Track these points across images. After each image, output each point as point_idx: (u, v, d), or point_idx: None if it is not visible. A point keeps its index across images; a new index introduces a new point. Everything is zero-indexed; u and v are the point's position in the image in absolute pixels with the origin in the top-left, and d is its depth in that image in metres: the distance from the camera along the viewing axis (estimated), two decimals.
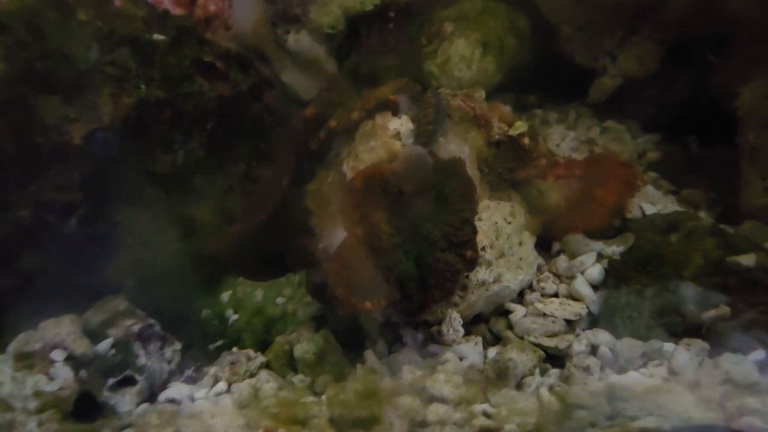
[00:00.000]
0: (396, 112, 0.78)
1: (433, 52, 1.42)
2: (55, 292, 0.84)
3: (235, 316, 1.03)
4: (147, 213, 0.97)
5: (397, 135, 0.76)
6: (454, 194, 0.70)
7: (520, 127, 0.87)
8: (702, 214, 0.98)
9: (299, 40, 1.36)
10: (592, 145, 1.38)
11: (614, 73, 1.41)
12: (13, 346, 0.80)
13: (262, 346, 0.96)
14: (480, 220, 0.82)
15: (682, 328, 0.81)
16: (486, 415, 0.69)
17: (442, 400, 0.70)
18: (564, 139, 1.45)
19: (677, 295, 0.82)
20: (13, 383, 0.72)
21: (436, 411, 0.69)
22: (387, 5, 1.38)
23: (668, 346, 0.79)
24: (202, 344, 1.00)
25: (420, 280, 0.70)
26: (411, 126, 0.77)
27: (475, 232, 0.71)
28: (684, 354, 0.77)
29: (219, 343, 1.00)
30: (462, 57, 1.42)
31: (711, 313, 0.80)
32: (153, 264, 0.96)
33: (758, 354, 0.74)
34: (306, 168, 0.83)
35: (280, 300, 1.02)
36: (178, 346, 0.95)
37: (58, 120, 0.82)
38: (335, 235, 0.72)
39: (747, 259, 0.80)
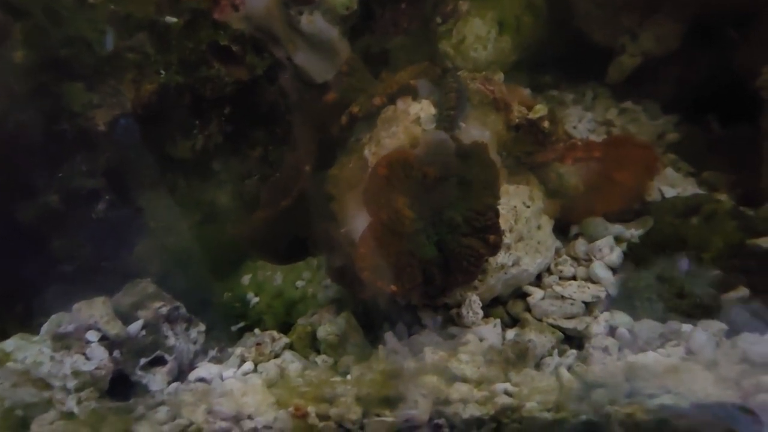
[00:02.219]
0: (416, 97, 0.78)
1: (448, 32, 1.39)
2: (83, 275, 0.87)
3: (256, 299, 1.06)
4: (168, 198, 0.99)
5: (418, 120, 0.76)
6: (477, 179, 0.70)
7: (540, 110, 0.87)
8: (722, 197, 0.97)
9: (313, 21, 1.34)
10: (610, 126, 1.36)
11: (634, 52, 1.37)
12: (47, 327, 0.83)
13: (283, 328, 0.98)
14: (499, 204, 0.82)
15: (701, 310, 0.82)
16: (507, 393, 0.71)
17: (465, 380, 0.72)
18: (581, 120, 1.43)
19: (697, 276, 0.82)
20: (52, 363, 0.75)
21: (458, 390, 0.71)
22: None
23: (686, 327, 0.80)
24: (224, 326, 1.03)
25: (443, 264, 0.72)
26: (432, 111, 0.77)
27: (498, 216, 0.72)
28: (702, 334, 0.77)
29: (241, 324, 1.03)
30: (478, 37, 1.39)
31: (730, 295, 0.80)
32: (175, 248, 0.98)
33: None
34: (327, 153, 0.84)
35: (299, 283, 1.04)
36: (202, 327, 0.98)
37: (82, 107, 0.83)
38: (357, 219, 0.73)
39: (767, 242, 0.80)
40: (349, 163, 0.78)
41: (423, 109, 0.77)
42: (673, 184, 0.99)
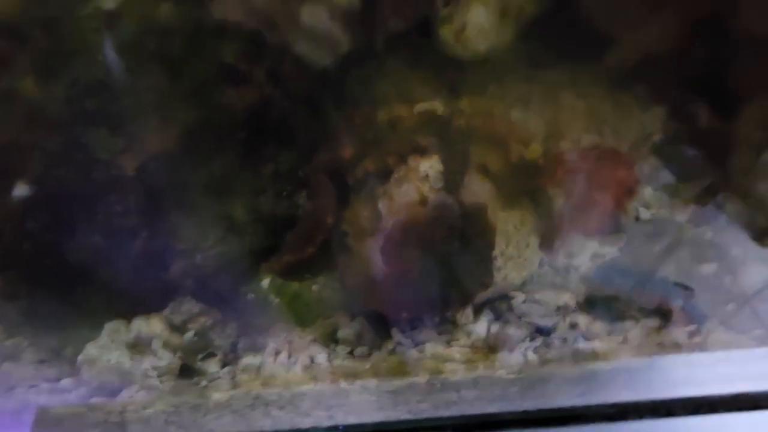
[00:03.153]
0: (424, 154, 0.86)
1: (449, 17, 1.38)
2: (129, 297, 1.00)
3: (277, 300, 1.21)
4: (192, 221, 1.08)
5: (427, 178, 0.84)
6: (477, 237, 0.82)
7: (536, 150, 0.95)
8: (687, 216, 1.10)
9: (314, 14, 1.32)
10: (602, 125, 1.43)
11: (630, 48, 1.39)
12: (106, 334, 1.00)
13: (304, 325, 1.15)
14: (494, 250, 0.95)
15: (646, 314, 1.02)
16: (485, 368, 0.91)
17: (454, 360, 0.92)
18: (574, 114, 1.48)
19: (650, 292, 1.00)
20: (132, 362, 0.94)
21: (449, 367, 0.91)
22: None
23: (629, 325, 1.00)
24: (251, 324, 1.20)
25: (444, 299, 0.86)
26: (440, 167, 0.85)
27: (492, 265, 0.85)
28: (636, 329, 0.97)
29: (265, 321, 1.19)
30: (480, 29, 1.39)
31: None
32: (204, 264, 1.10)
33: None
34: (343, 197, 0.92)
35: (315, 287, 1.19)
36: (234, 325, 1.15)
37: (110, 154, 0.88)
38: (370, 263, 0.85)
39: (709, 267, 0.97)
40: (363, 211, 0.88)
41: (432, 166, 0.85)
42: (648, 205, 1.11)
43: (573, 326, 1.03)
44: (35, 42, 0.91)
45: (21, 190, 0.89)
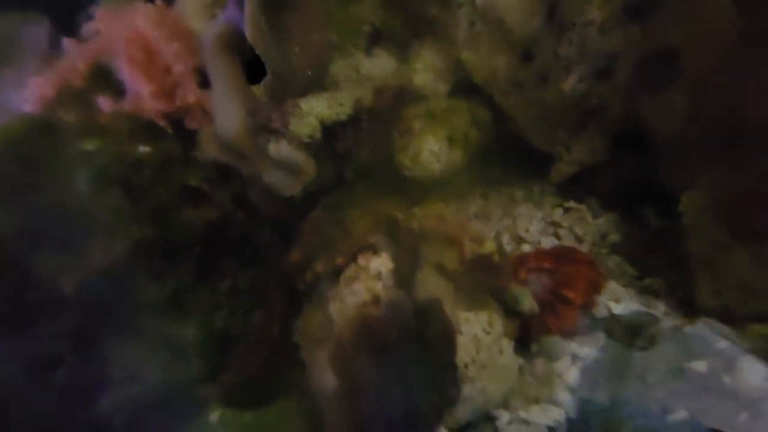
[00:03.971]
0: (375, 252, 0.85)
1: (405, 146, 1.53)
2: None
3: None
4: (133, 343, 0.99)
5: (378, 275, 0.82)
6: (435, 336, 0.76)
7: (489, 246, 0.96)
8: (661, 309, 1.06)
9: (279, 149, 1.45)
10: (557, 227, 1.48)
11: (570, 161, 1.53)
12: None
13: None
14: (461, 334, 0.87)
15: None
16: None
17: None
18: (532, 221, 1.54)
19: (641, 403, 0.89)
20: None
21: None
22: (359, 111, 1.50)
23: None
24: None
25: (408, 419, 0.75)
26: (390, 265, 0.84)
27: (456, 371, 0.77)
28: None
29: None
30: (431, 152, 1.53)
31: (671, 417, 0.87)
32: (142, 396, 0.97)
33: None
34: (294, 305, 0.88)
35: (270, 419, 1.03)
36: None
37: (51, 273, 0.85)
38: (324, 380, 0.76)
39: (701, 365, 0.88)
40: (314, 318, 0.82)
41: (382, 263, 0.84)
42: (617, 299, 1.08)
43: None
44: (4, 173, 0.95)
45: None
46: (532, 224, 1.50)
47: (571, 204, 1.55)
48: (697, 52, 0.98)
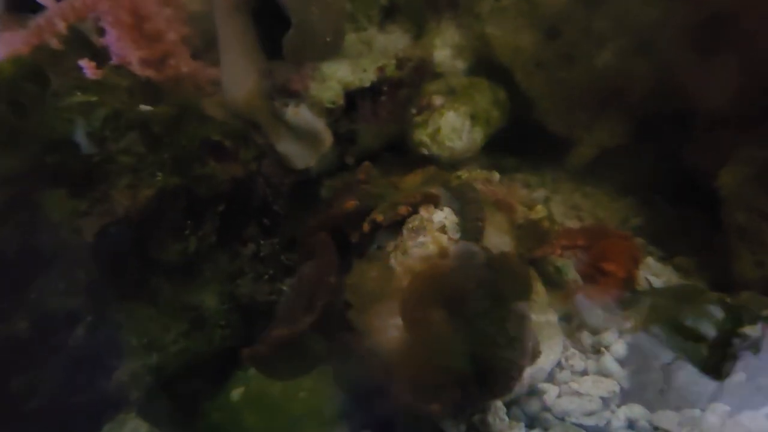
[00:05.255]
0: (438, 205, 0.80)
1: (424, 123, 1.48)
2: (53, 415, 0.72)
3: (252, 417, 0.94)
4: (151, 308, 0.88)
5: (443, 228, 0.77)
6: (509, 290, 0.71)
7: (541, 211, 0.92)
8: (698, 283, 1.06)
9: (299, 113, 1.36)
10: (578, 211, 1.47)
11: (590, 144, 1.53)
12: None
13: None
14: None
15: (707, 396, 0.86)
16: None
17: None
18: (548, 202, 1.53)
19: (696, 366, 0.87)
20: None
21: None
22: (381, 80, 1.44)
23: (697, 413, 0.84)
24: None
25: (479, 379, 0.69)
26: (455, 219, 0.78)
27: (530, 323, 0.72)
28: (711, 416, 0.83)
29: None
30: (453, 129, 1.49)
31: (729, 380, 0.86)
32: (159, 369, 0.86)
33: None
34: (344, 261, 0.81)
35: (302, 395, 0.95)
36: None
37: (66, 216, 0.73)
38: (385, 333, 0.69)
39: (753, 330, 0.88)
40: (370, 272, 0.76)
41: (447, 217, 0.78)
42: (656, 274, 1.07)
43: (630, 422, 0.85)
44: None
45: None
46: (551, 207, 1.49)
47: (588, 189, 1.55)
48: (751, 18, 0.98)
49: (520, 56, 1.48)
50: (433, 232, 0.75)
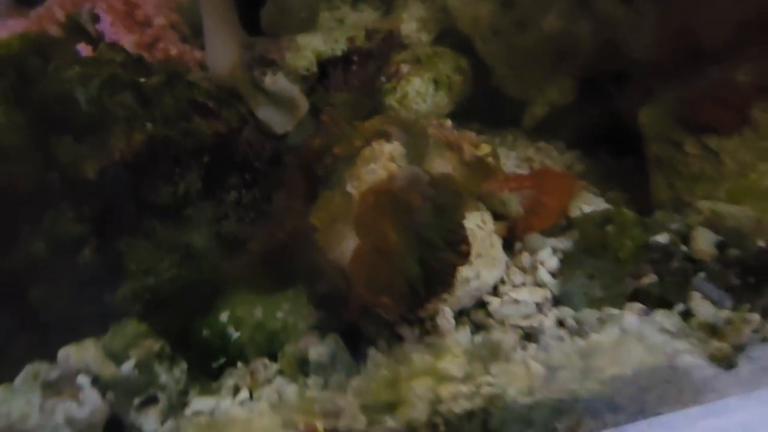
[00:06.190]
0: (389, 140, 0.94)
1: (393, 89, 1.63)
2: (65, 322, 0.86)
3: (237, 334, 1.08)
4: (147, 242, 1.01)
5: (392, 158, 0.91)
6: (448, 203, 0.86)
7: (486, 148, 1.07)
8: (624, 210, 1.23)
9: (276, 81, 1.50)
10: (530, 162, 1.64)
11: (542, 103, 1.69)
12: (23, 377, 0.79)
13: (268, 358, 1.02)
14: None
15: (625, 296, 1.03)
16: (489, 384, 0.83)
17: (452, 378, 0.83)
18: (507, 158, 1.69)
19: (618, 271, 1.04)
20: (41, 413, 0.72)
21: (448, 388, 0.82)
22: (352, 50, 1.58)
23: (616, 311, 0.99)
24: (204, 363, 1.04)
25: (424, 278, 0.84)
26: (402, 150, 0.92)
27: (465, 230, 0.87)
28: (629, 315, 0.98)
29: (222, 360, 1.05)
30: (418, 93, 1.64)
31: (644, 281, 1.03)
32: (155, 289, 1.00)
33: (680, 306, 0.97)
34: (311, 191, 0.94)
35: (279, 314, 1.10)
36: (184, 365, 0.99)
37: (72, 158, 0.86)
38: (344, 247, 0.83)
39: (662, 237, 1.06)
40: (332, 198, 0.90)
41: (395, 148, 0.92)
42: (588, 203, 1.24)
43: (560, 322, 1.01)
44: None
45: None
46: (508, 160, 1.65)
47: (541, 144, 1.72)
48: None
49: (479, 25, 1.62)
50: (383, 160, 0.90)
